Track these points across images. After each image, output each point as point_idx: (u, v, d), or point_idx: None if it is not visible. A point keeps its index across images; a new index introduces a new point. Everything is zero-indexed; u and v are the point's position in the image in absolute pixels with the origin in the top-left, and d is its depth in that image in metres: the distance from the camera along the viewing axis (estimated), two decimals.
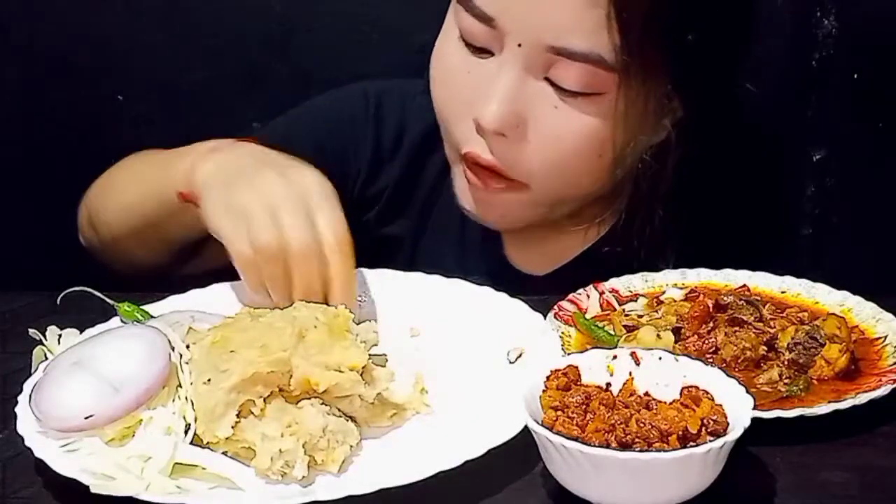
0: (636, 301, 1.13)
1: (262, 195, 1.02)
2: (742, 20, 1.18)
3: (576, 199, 1.20)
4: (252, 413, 0.89)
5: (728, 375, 0.87)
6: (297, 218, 1.00)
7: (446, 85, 1.17)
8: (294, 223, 1.00)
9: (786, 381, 0.98)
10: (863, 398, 0.92)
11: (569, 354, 0.96)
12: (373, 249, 1.19)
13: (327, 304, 1.00)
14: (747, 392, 0.85)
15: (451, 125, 1.17)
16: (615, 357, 0.91)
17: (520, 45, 1.09)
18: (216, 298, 1.12)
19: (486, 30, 1.11)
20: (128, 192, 1.27)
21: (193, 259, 1.27)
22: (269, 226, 0.99)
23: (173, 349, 0.95)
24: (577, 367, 0.89)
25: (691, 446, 0.80)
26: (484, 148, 1.14)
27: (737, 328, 1.02)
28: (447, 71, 1.17)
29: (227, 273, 1.16)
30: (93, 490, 0.84)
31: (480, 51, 1.13)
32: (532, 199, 1.17)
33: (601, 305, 1.12)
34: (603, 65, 1.08)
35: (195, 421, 0.89)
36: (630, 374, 0.90)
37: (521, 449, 0.86)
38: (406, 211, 1.33)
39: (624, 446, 0.82)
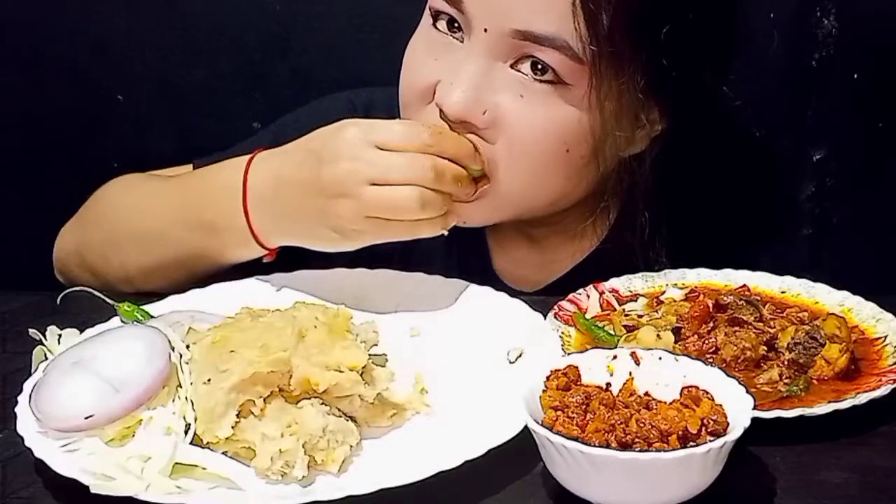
0: (636, 301, 1.13)
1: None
2: (721, 20, 1.16)
3: (546, 202, 1.16)
4: (252, 413, 0.89)
5: (728, 375, 0.87)
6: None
7: (413, 71, 1.15)
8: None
9: (786, 381, 0.98)
10: (863, 398, 0.92)
11: (569, 354, 0.96)
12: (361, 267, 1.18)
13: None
14: (747, 392, 0.85)
15: (414, 111, 1.14)
16: (615, 357, 0.91)
17: (486, 30, 1.08)
18: (216, 298, 1.12)
19: (457, 14, 1.10)
20: (156, 247, 1.21)
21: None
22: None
23: (173, 349, 0.95)
24: (577, 367, 0.89)
25: (691, 446, 0.80)
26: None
27: (737, 328, 1.02)
28: (416, 57, 1.15)
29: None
30: (93, 490, 0.84)
31: (449, 38, 1.12)
32: (491, 194, 1.13)
33: (601, 305, 1.12)
34: (570, 53, 1.06)
35: (195, 421, 0.89)
36: (630, 374, 0.90)
37: (521, 449, 0.86)
38: None
39: (624, 446, 0.82)
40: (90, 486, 0.84)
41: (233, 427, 0.89)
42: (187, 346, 0.95)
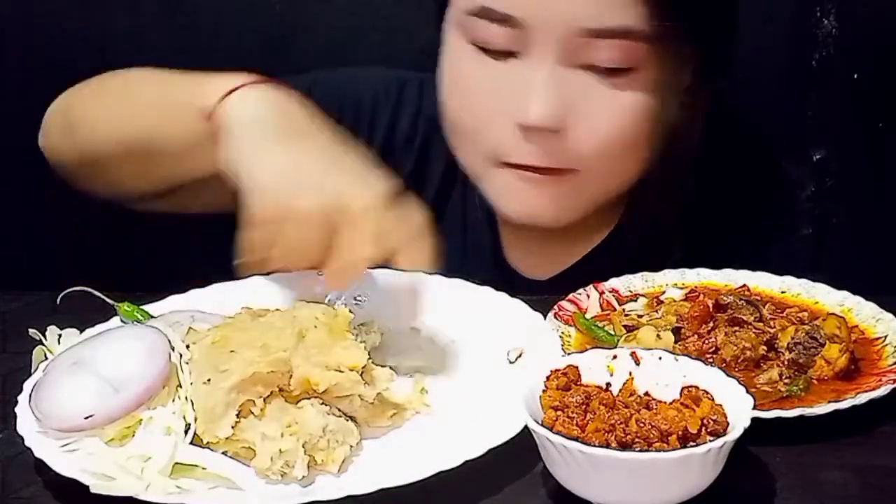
0: (636, 301, 1.13)
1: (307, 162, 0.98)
2: None
3: (625, 183, 1.20)
4: (252, 413, 0.89)
5: (728, 375, 0.87)
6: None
7: (472, 99, 1.15)
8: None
9: (786, 381, 0.98)
10: (863, 398, 0.92)
11: (569, 354, 0.96)
12: None
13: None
14: (747, 392, 0.85)
15: (485, 136, 1.15)
16: (615, 357, 0.91)
17: (556, 38, 1.09)
18: (216, 298, 1.12)
19: (509, 32, 1.10)
20: (135, 104, 1.19)
21: (174, 197, 1.22)
22: (312, 191, 0.94)
23: (173, 349, 0.95)
24: (577, 367, 0.89)
25: (691, 446, 0.80)
26: (531, 152, 1.13)
27: (737, 328, 1.02)
28: (469, 85, 1.15)
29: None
30: (93, 490, 0.84)
31: (502, 56, 1.12)
32: (583, 187, 1.16)
33: (601, 305, 1.12)
34: (636, 36, 1.09)
35: (195, 421, 0.89)
36: (630, 374, 0.90)
37: (521, 449, 0.86)
38: None
39: (624, 446, 0.82)
40: (90, 486, 0.84)
41: (233, 427, 0.89)
42: (187, 346, 0.95)
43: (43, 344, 1.01)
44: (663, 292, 1.13)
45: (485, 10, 1.11)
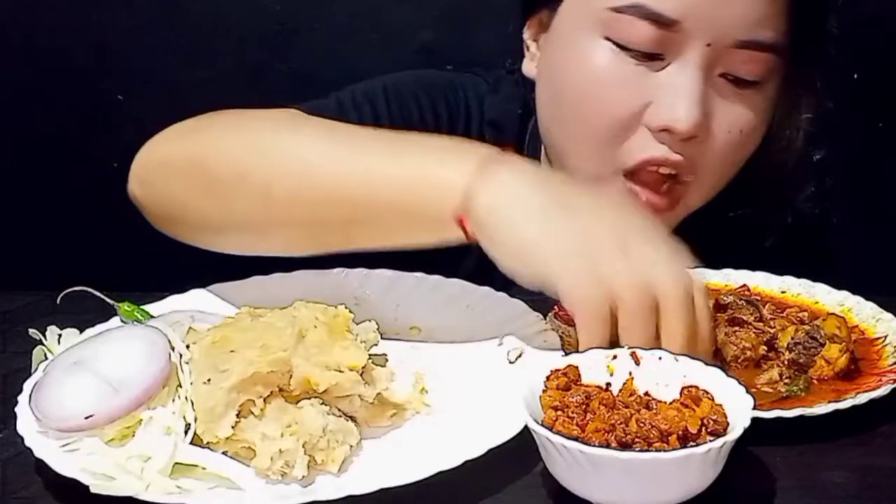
0: None
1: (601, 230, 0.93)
2: None
3: (711, 195, 1.21)
4: (252, 413, 0.89)
5: (728, 375, 0.87)
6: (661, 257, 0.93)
7: (612, 97, 1.14)
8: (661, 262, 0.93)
9: (786, 381, 0.98)
10: (863, 398, 0.92)
11: (569, 354, 0.96)
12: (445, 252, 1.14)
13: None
14: (747, 392, 0.85)
15: (617, 137, 1.14)
16: (615, 357, 0.91)
17: (708, 45, 1.10)
18: (216, 298, 1.12)
19: (661, 34, 1.10)
20: (341, 185, 1.01)
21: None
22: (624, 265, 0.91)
23: (173, 349, 0.95)
24: (577, 367, 0.89)
25: (691, 446, 0.80)
26: (665, 150, 1.13)
27: (737, 328, 1.02)
28: (611, 83, 1.14)
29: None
30: (93, 490, 0.84)
31: (644, 57, 1.12)
32: (692, 194, 1.18)
33: None
34: (779, 51, 1.12)
35: (195, 421, 0.89)
36: (630, 374, 0.90)
37: (521, 449, 0.86)
38: None
39: (624, 446, 0.82)
40: (90, 486, 0.84)
41: (233, 427, 0.89)
42: (187, 346, 0.95)
43: (43, 344, 1.01)
44: None
45: (638, 7, 1.10)
